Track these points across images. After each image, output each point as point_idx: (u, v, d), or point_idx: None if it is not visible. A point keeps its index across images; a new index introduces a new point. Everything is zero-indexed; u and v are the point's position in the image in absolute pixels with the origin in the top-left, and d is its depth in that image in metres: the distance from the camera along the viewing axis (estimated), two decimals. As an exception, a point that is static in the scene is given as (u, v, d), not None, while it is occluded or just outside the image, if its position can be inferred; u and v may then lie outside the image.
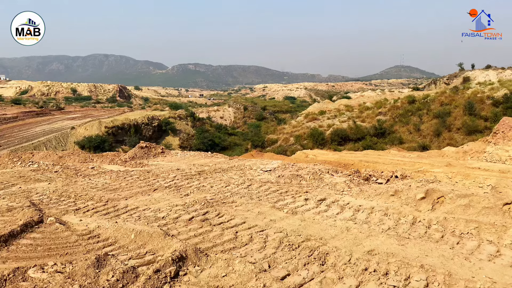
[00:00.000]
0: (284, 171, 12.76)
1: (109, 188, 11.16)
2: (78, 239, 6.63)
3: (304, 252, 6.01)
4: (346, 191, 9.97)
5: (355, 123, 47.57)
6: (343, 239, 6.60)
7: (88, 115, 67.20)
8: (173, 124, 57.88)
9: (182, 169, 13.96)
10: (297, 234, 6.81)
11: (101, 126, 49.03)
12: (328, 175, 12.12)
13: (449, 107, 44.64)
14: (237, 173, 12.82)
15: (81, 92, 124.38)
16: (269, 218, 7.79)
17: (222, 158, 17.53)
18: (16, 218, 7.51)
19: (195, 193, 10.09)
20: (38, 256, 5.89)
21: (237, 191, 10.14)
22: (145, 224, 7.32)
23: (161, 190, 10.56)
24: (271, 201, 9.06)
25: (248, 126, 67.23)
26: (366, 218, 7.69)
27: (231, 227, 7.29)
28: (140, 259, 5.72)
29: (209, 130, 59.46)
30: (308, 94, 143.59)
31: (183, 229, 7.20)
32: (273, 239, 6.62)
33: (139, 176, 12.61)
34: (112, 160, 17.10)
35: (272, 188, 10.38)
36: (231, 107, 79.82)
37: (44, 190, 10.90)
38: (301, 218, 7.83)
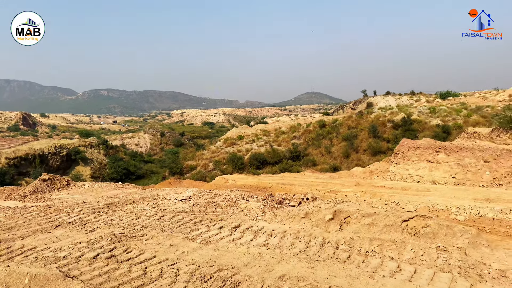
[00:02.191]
0: (199, 199, 12.56)
1: (3, 227, 10.01)
2: (-41, 290, 5.81)
3: (216, 283, 5.89)
4: (260, 216, 10.07)
5: (272, 147, 48.88)
6: (255, 266, 6.59)
7: (-16, 146, 60.67)
8: (83, 153, 54.50)
9: (89, 202, 13.07)
10: (210, 265, 6.66)
11: (1, 157, 44.52)
12: (243, 200, 12.18)
13: (355, 130, 47.96)
14: (149, 204, 12.33)
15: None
16: (181, 250, 7.54)
17: (134, 189, 16.78)
18: None
19: (102, 228, 9.45)
20: None
21: (148, 223, 9.71)
22: (42, 266, 6.65)
23: (64, 227, 9.73)
24: (184, 232, 8.81)
25: (165, 153, 65.64)
26: (278, 243, 7.80)
27: (140, 262, 6.92)
28: (33, 308, 5.15)
29: (124, 158, 56.93)
30: (227, 120, 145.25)
31: (86, 269, 6.65)
32: (184, 272, 6.40)
33: (39, 212, 11.52)
34: (9, 195, 15.49)
35: (186, 218, 10.13)
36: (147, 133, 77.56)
37: None
38: (215, 247, 7.70)
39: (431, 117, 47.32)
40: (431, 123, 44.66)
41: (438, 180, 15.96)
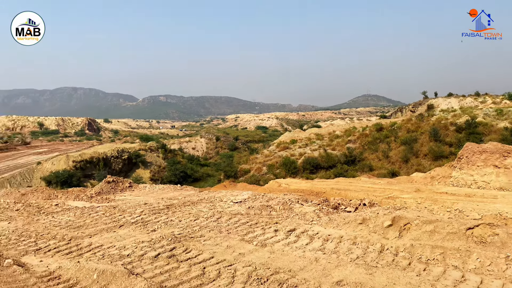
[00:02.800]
0: (254, 202, 12.68)
1: (73, 225, 10.75)
2: (37, 281, 6.31)
3: (272, 286, 5.91)
4: (315, 220, 9.98)
5: (326, 151, 48.28)
6: (311, 270, 6.54)
7: (55, 149, 65.43)
8: (143, 157, 57.02)
9: (150, 203, 13.66)
10: (266, 267, 6.71)
11: (69, 161, 47.72)
12: (298, 204, 12.13)
13: (415, 134, 46.11)
14: (206, 205, 12.65)
15: (48, 126, 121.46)
16: (238, 252, 7.66)
17: (192, 191, 17.29)
18: (-31, 262, 7.09)
19: (162, 228, 9.85)
20: (-9, 303, 5.55)
21: (206, 225, 9.97)
22: (108, 263, 7.05)
23: (127, 226, 10.25)
24: (240, 234, 8.94)
25: (220, 157, 67.02)
26: (335, 248, 7.68)
27: (198, 262, 7.12)
28: (102, 301, 5.47)
29: (181, 162, 58.80)
30: (280, 124, 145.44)
31: (149, 267, 6.96)
32: (241, 273, 6.49)
33: (104, 212, 12.23)
34: (77, 196, 16.57)
35: (242, 220, 10.27)
36: (203, 137, 79.66)
37: (3, 230, 10.39)
38: (270, 250, 7.74)
39: (498, 119, 44.39)
40: (498, 126, 41.89)
41: (506, 186, 14.94)
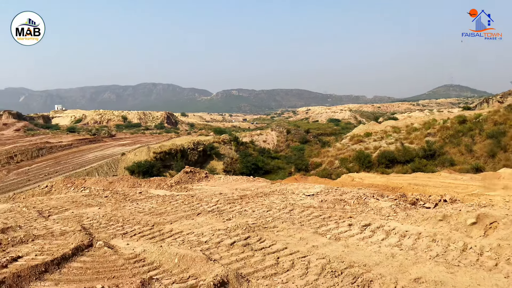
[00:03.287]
0: (327, 195, 12.59)
1: (155, 212, 11.50)
2: (125, 262, 6.87)
3: (347, 279, 5.87)
4: (391, 216, 9.67)
5: (403, 144, 46.16)
6: (388, 266, 6.39)
7: (137, 141, 70.01)
8: (217, 149, 58.91)
9: (225, 193, 14.15)
10: (340, 261, 6.67)
11: (150, 152, 50.73)
12: (373, 199, 11.83)
13: (504, 127, 42.28)
14: (279, 197, 12.81)
15: (131, 120, 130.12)
16: (311, 244, 7.70)
17: (264, 183, 17.58)
18: (68, 242, 7.91)
19: (237, 217, 10.18)
20: (87, 279, 6.16)
21: (278, 216, 10.12)
22: (188, 248, 7.46)
23: (204, 215, 10.74)
24: (313, 227, 8.96)
25: (291, 150, 67.08)
26: (412, 244, 7.41)
27: (272, 252, 7.27)
28: (183, 283, 5.82)
29: (252, 154, 59.85)
30: (353, 116, 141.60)
31: (225, 254, 7.26)
32: (315, 265, 6.52)
33: (183, 201, 12.91)
34: (158, 185, 17.64)
35: (315, 213, 10.27)
36: (274, 130, 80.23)
37: (95, 215, 11.41)
38: (344, 244, 7.67)
39: None
40: None
41: None
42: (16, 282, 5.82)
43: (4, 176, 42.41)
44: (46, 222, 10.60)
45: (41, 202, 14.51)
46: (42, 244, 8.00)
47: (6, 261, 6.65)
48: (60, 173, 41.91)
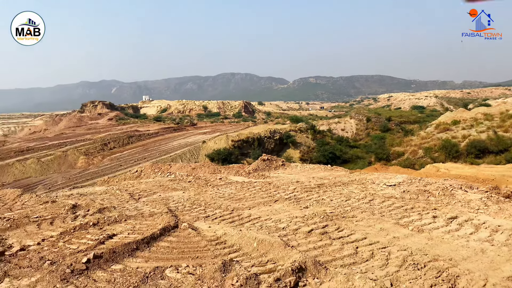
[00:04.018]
0: (410, 186, 12.02)
1: (234, 198, 11.88)
2: (207, 244, 7.21)
3: (430, 273, 5.60)
4: (482, 209, 8.98)
5: (496, 133, 42.34)
6: (477, 262, 5.96)
7: (217, 130, 72.53)
8: (293, 137, 58.88)
9: (302, 181, 14.14)
10: (423, 253, 6.37)
11: (228, 140, 52.31)
12: (460, 191, 11.05)
13: None
14: (358, 187, 12.50)
15: (211, 109, 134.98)
16: (392, 235, 7.44)
17: (343, 172, 17.26)
18: (156, 223, 8.49)
19: (314, 206, 10.14)
20: (173, 257, 6.58)
21: (357, 206, 9.90)
22: (266, 234, 7.61)
23: (281, 202, 10.86)
24: (394, 218, 8.63)
25: (371, 138, 64.78)
26: (506, 240, 6.82)
27: (351, 242, 7.16)
28: (262, 267, 5.98)
29: (330, 143, 58.88)
30: (439, 103, 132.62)
31: (303, 241, 7.30)
32: (396, 256, 6.30)
33: (261, 188, 13.16)
34: (237, 171, 18.16)
35: (396, 204, 9.88)
36: (353, 118, 78.01)
37: (179, 198, 12.11)
38: (428, 236, 7.29)
39: None
40: None
41: None
42: (112, 257, 6.41)
43: (99, 161, 46.58)
44: (137, 204, 11.48)
45: (132, 185, 15.73)
46: (133, 224, 8.69)
47: (103, 238, 7.35)
48: (148, 159, 44.98)
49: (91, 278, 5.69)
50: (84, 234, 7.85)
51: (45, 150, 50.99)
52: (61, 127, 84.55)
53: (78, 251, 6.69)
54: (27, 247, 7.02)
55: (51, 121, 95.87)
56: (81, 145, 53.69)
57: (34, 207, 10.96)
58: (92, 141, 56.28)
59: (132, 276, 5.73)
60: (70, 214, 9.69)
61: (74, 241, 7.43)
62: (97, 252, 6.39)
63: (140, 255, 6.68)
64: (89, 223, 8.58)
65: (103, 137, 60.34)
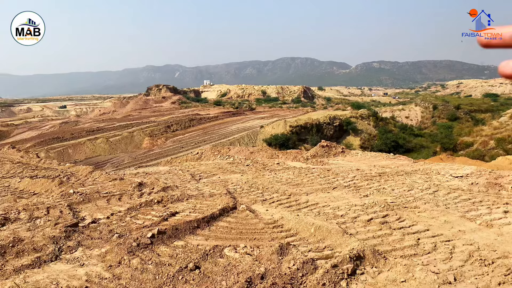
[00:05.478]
0: (479, 178, 11.32)
1: (292, 183, 11.91)
2: (265, 227, 7.33)
3: (499, 270, 5.28)
4: (562, 206, 8.26)
5: None
6: (554, 263, 5.53)
7: (275, 115, 72.58)
8: (354, 124, 57.40)
9: (362, 169, 13.82)
10: (492, 249, 6.01)
11: (286, 125, 52.18)
12: (537, 186, 10.22)
13: None
14: (421, 177, 11.99)
15: (269, 94, 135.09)
16: (457, 228, 7.09)
17: (406, 161, 16.61)
18: (216, 203, 8.76)
19: (374, 194, 9.90)
20: (232, 237, 6.77)
21: (420, 196, 9.51)
22: (324, 220, 7.58)
23: (340, 189, 10.72)
24: (460, 210, 8.20)
25: (437, 127, 61.48)
26: None
27: (412, 233, 6.92)
28: (319, 253, 5.98)
29: (393, 131, 56.70)
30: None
31: (361, 229, 7.18)
32: (461, 251, 6.01)
33: (319, 174, 13.05)
34: (295, 157, 18.14)
35: (463, 196, 9.37)
36: (418, 106, 74.35)
37: (238, 181, 12.37)
38: (498, 232, 6.86)
39: None
40: None
41: None
42: (175, 234, 6.74)
43: (162, 143, 48.64)
44: (198, 184, 11.90)
45: (193, 166, 16.30)
46: (194, 203, 9.04)
47: (167, 215, 7.73)
48: (207, 142, 46.21)
49: (155, 252, 6.03)
50: (149, 211, 8.30)
51: (113, 130, 54.10)
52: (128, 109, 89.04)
53: (143, 226, 7.10)
54: (98, 220, 7.57)
55: (119, 103, 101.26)
56: (146, 126, 56.28)
57: (104, 183, 11.75)
58: (156, 123, 58.78)
59: (193, 252, 5.99)
60: (136, 191, 10.28)
61: (140, 216, 7.89)
62: (161, 228, 6.74)
63: (200, 233, 6.95)
64: (153, 200, 9.05)
65: (167, 119, 62.81)
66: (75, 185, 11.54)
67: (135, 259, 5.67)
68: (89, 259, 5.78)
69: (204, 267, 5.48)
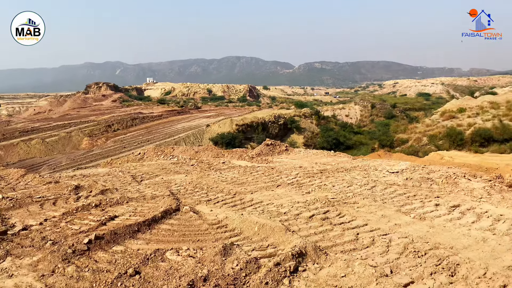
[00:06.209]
0: (413, 173, 11.98)
1: (237, 182, 11.91)
2: (208, 227, 7.25)
3: (431, 261, 5.61)
4: (485, 198, 8.94)
5: (502, 122, 41.98)
6: (477, 250, 5.96)
7: (221, 114, 72.32)
8: (298, 123, 58.70)
9: (305, 167, 14.13)
10: (424, 241, 6.37)
11: (232, 124, 52.22)
12: (464, 179, 11.00)
13: None
14: (360, 173, 12.48)
15: (215, 92, 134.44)
16: (393, 222, 7.44)
17: (345, 158, 17.22)
18: (158, 205, 8.54)
19: (316, 191, 10.15)
20: (174, 240, 6.62)
21: (359, 192, 9.89)
22: (268, 218, 7.63)
23: (283, 187, 10.88)
24: (396, 205, 8.63)
25: (375, 125, 64.50)
26: (507, 230, 6.80)
27: (352, 228, 7.17)
28: (262, 251, 6.01)
29: (334, 129, 58.66)
30: (445, 90, 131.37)
31: (304, 226, 7.32)
32: (397, 244, 6.31)
33: (264, 172, 13.17)
34: (240, 156, 18.17)
35: (399, 191, 9.86)
36: (358, 104, 77.56)
37: (182, 182, 12.15)
38: (430, 224, 7.29)
39: None
40: None
41: None
42: (113, 239, 6.46)
43: (103, 143, 46.73)
44: (139, 186, 11.54)
45: (135, 167, 15.79)
46: (135, 206, 8.75)
47: (105, 219, 7.41)
48: (151, 142, 45.03)
49: (93, 258, 5.75)
50: (86, 215, 7.91)
51: (50, 130, 51.12)
52: (66, 108, 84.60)
53: (80, 232, 6.76)
54: (30, 227, 7.09)
55: (55, 102, 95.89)
56: (85, 126, 53.79)
57: (37, 187, 11.05)
58: (96, 123, 56.36)
59: (133, 257, 5.79)
60: (72, 195, 9.76)
61: (76, 221, 7.50)
62: (99, 233, 6.45)
63: (141, 237, 6.73)
64: (91, 204, 8.64)
65: (107, 118, 60.40)
66: (5, 190, 10.76)
67: (70, 266, 5.37)
68: (19, 269, 5.39)
69: (144, 272, 5.31)
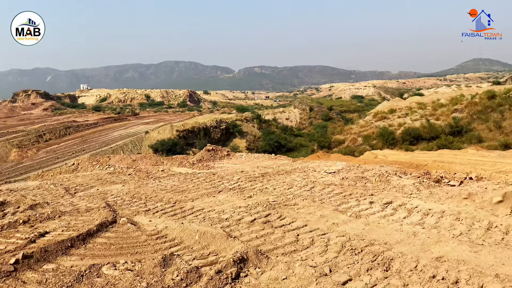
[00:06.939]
0: (348, 173, 12.47)
1: (177, 190, 11.66)
2: (147, 239, 7.02)
3: (367, 257, 5.84)
4: (414, 193, 9.51)
5: (429, 121, 45.02)
6: (409, 245, 6.31)
7: (161, 120, 70.79)
8: (240, 127, 59.03)
9: (246, 171, 14.19)
10: (360, 239, 6.63)
11: (173, 130, 51.31)
12: (395, 177, 11.64)
13: (536, 102, 40.62)
14: (300, 175, 12.76)
15: (154, 98, 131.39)
16: (331, 222, 7.67)
17: (286, 160, 17.55)
18: (93, 218, 8.13)
19: (258, 195, 10.21)
20: (111, 254, 6.33)
21: (299, 194, 10.10)
22: (209, 225, 7.55)
23: (225, 192, 10.83)
24: (334, 204, 8.91)
25: (314, 127, 66.55)
26: (435, 223, 7.28)
27: (292, 229, 7.29)
28: (204, 260, 5.92)
29: (275, 132, 59.71)
30: (377, 92, 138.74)
31: (245, 231, 7.32)
32: (335, 243, 6.51)
33: (205, 178, 13.03)
34: (181, 162, 17.86)
35: (336, 191, 10.20)
36: (297, 108, 79.60)
37: (118, 192, 11.68)
38: (365, 222, 7.61)
39: None
40: None
41: None
42: (44, 257, 6.04)
43: (33, 154, 43.85)
44: (73, 199, 10.92)
45: (68, 179, 14.95)
46: (68, 220, 8.26)
47: (34, 236, 6.91)
48: (87, 151, 42.99)
49: (20, 279, 5.34)
50: (13, 233, 7.34)
51: (-28, 143, 47.07)
52: (-11, 118, 78.38)
53: (5, 252, 6.24)
54: None
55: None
56: (13, 137, 50.16)
57: (-45, 206, 10.07)
58: (26, 133, 52.77)
59: (65, 275, 5.45)
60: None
61: (2, 240, 6.93)
62: (27, 251, 6.00)
63: (75, 253, 6.36)
64: (18, 220, 8.03)
65: (38, 128, 56.77)
66: None
67: (-7, 292, 4.94)
68: None
69: (78, 290, 5.01)
